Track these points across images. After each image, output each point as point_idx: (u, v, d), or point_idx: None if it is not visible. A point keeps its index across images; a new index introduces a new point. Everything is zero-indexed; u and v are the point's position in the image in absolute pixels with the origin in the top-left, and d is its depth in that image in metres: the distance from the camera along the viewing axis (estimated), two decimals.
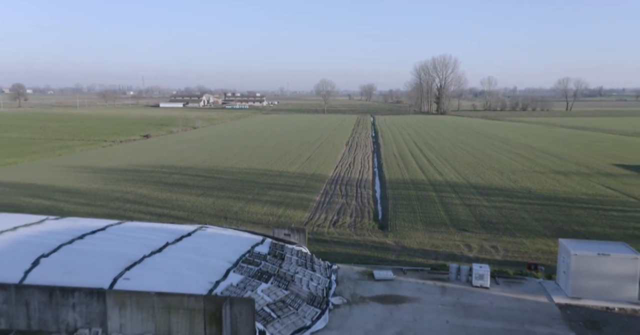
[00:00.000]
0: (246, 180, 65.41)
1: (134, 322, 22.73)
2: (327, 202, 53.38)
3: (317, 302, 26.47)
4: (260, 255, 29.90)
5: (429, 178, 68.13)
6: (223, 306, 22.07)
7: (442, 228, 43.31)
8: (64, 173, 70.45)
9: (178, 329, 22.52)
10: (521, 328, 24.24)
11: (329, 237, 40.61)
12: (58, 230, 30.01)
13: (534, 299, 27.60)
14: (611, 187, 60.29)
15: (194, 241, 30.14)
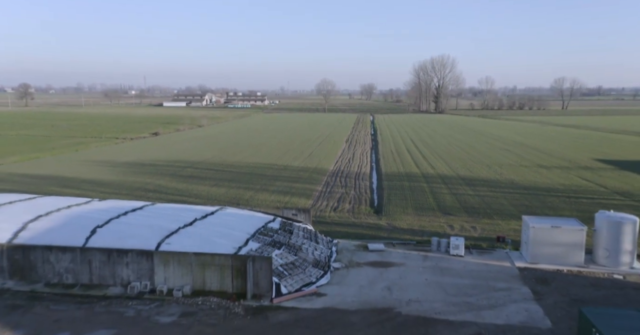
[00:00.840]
0: (254, 173, 71.25)
1: (176, 276, 28.63)
2: (329, 192, 59.24)
3: (320, 266, 32.34)
4: (272, 229, 35.76)
5: (422, 171, 73.99)
6: (247, 263, 27.96)
7: (429, 212, 49.18)
8: (86, 167, 76.33)
9: (211, 281, 28.42)
10: (485, 283, 30.12)
11: (330, 220, 46.44)
12: (104, 208, 35.94)
13: (499, 264, 33.49)
14: (587, 179, 66.16)
15: (218, 218, 36.02)
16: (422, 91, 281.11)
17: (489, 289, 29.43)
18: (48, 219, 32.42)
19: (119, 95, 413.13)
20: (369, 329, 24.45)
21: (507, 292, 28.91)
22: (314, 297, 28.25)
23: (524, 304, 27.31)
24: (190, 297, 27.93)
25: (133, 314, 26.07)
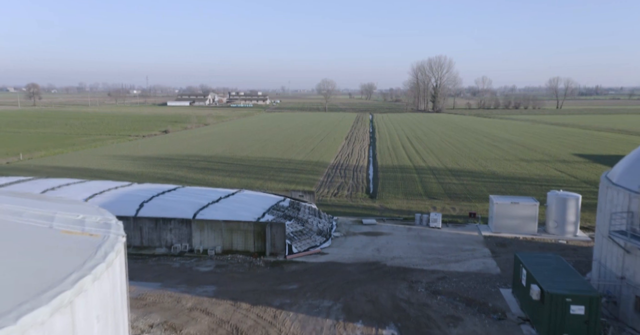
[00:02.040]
0: (261, 166, 78.82)
1: (209, 239, 36.20)
2: (329, 181, 66.81)
3: (323, 234, 39.93)
4: (283, 207, 43.30)
5: (414, 164, 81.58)
6: (266, 228, 35.54)
7: (417, 197, 56.76)
8: (108, 160, 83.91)
9: (237, 243, 35.98)
10: (455, 246, 37.70)
11: (331, 203, 54.00)
12: (145, 188, 43.55)
13: (469, 233, 41.08)
14: (561, 170, 73.75)
15: (238, 197, 43.58)
16: (420, 91, 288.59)
17: (457, 250, 37.02)
18: (102, 196, 39.98)
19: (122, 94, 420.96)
20: (362, 274, 32.00)
21: (471, 252, 36.50)
22: (319, 255, 35.83)
23: (483, 260, 34.90)
24: (221, 254, 35.54)
25: (178, 266, 33.66)
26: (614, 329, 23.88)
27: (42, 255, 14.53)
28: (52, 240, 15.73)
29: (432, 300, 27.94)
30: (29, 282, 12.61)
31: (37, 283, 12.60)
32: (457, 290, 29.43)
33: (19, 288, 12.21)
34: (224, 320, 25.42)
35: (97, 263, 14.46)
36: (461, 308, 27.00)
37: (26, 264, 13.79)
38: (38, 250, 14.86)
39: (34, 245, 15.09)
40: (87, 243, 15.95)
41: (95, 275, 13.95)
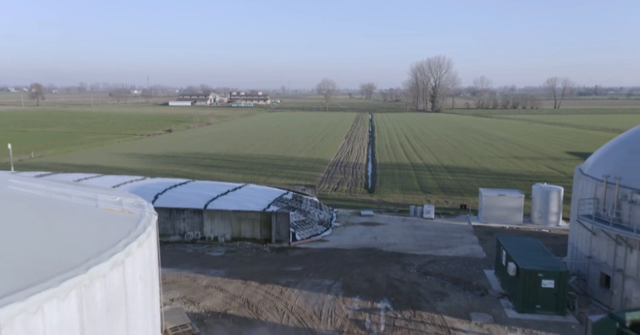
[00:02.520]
0: (264, 163, 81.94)
1: (219, 227, 39.32)
2: (330, 177, 69.93)
3: (324, 224, 43.06)
4: (287, 199, 46.41)
5: (411, 162, 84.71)
6: (272, 217, 38.66)
7: (413, 191, 59.87)
8: (116, 158, 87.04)
9: (245, 231, 39.11)
10: (445, 234, 40.83)
11: (331, 197, 57.11)
12: (158, 182, 46.69)
13: (459, 223, 44.20)
14: (552, 167, 76.87)
15: (244, 190, 46.70)
16: (419, 91, 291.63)
17: (447, 237, 40.15)
18: (119, 189, 43.06)
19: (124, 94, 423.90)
20: (359, 258, 35.13)
21: (460, 239, 39.64)
22: (320, 242, 38.95)
23: (471, 246, 38.04)
24: (230, 241, 38.66)
25: (192, 251, 36.79)
26: (579, 300, 26.98)
27: (95, 226, 17.71)
28: (100, 215, 18.90)
29: (422, 280, 31.07)
30: (89, 245, 15.79)
31: (96, 246, 15.79)
32: (445, 271, 32.56)
33: (83, 249, 15.39)
34: (236, 295, 28.55)
35: (139, 233, 17.64)
36: (448, 286, 30.13)
37: (84, 232, 16.98)
38: (91, 222, 18.04)
39: (87, 219, 18.27)
40: (128, 218, 19.13)
41: (139, 242, 17.14)
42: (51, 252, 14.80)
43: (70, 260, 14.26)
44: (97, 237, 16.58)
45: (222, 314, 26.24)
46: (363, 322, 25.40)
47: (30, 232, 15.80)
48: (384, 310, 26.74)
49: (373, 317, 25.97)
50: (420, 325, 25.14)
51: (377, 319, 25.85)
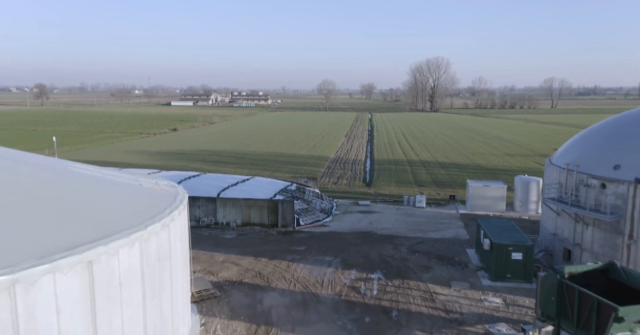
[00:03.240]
0: (268, 159, 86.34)
1: (231, 214, 43.72)
2: (330, 173, 74.32)
3: (325, 212, 47.46)
4: (291, 190, 50.79)
5: (407, 158, 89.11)
6: (278, 204, 43.06)
7: (407, 185, 64.27)
8: (127, 155, 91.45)
9: (254, 217, 43.49)
10: (435, 220, 45.22)
11: (331, 190, 61.49)
12: (173, 175, 51.10)
13: (448, 211, 48.60)
14: (540, 163, 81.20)
15: (252, 181, 51.12)
16: (418, 91, 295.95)
17: (436, 223, 44.55)
18: None
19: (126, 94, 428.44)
20: (357, 240, 39.51)
21: (448, 225, 44.03)
22: (321, 227, 43.35)
23: (456, 230, 42.43)
24: (241, 226, 43.06)
25: (207, 234, 41.17)
26: (543, 270, 31.35)
27: (144, 199, 22.16)
28: (145, 192, 23.34)
29: (411, 256, 35.47)
30: (144, 211, 20.21)
31: (149, 212, 20.20)
32: (431, 250, 36.95)
33: (140, 214, 19.81)
34: (249, 268, 32.95)
35: (178, 205, 22.06)
36: (433, 261, 34.52)
37: (137, 202, 21.43)
38: (140, 196, 22.49)
39: (137, 193, 22.73)
40: (166, 194, 23.56)
41: (178, 211, 21.58)
42: (118, 214, 19.22)
43: (132, 221, 18.66)
44: (147, 206, 20.99)
45: (238, 283, 30.64)
46: (359, 288, 29.79)
47: (100, 199, 20.26)
48: (376, 280, 31.14)
49: (367, 285, 30.36)
50: (407, 290, 29.52)
51: (370, 286, 30.23)
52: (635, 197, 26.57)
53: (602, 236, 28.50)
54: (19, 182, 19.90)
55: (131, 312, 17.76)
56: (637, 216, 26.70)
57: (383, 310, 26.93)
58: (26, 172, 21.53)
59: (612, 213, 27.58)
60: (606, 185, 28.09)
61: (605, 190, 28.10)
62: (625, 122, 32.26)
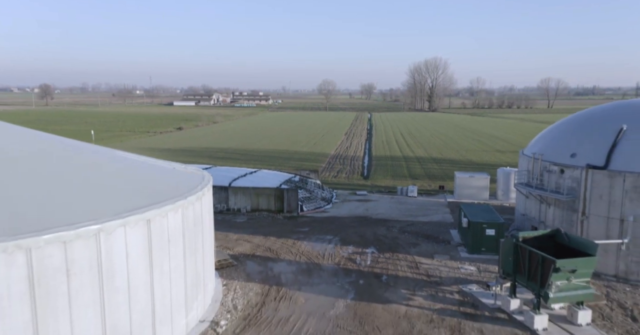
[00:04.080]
0: (271, 156, 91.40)
1: (241, 201, 48.77)
2: (330, 167, 79.37)
3: (326, 200, 52.51)
4: (294, 181, 55.83)
5: (403, 155, 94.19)
6: (284, 192, 48.12)
7: (402, 178, 69.33)
8: (138, 152, 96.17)
9: (262, 203, 48.54)
10: (424, 207, 50.28)
11: (331, 182, 66.53)
12: None
13: (437, 200, 53.66)
14: None
15: (259, 173, 56.18)
16: (417, 91, 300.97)
17: (425, 209, 49.60)
18: None
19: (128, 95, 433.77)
20: (354, 223, 44.55)
21: (435, 211, 49.09)
22: (323, 213, 48.39)
23: (443, 215, 47.48)
24: (250, 212, 48.10)
25: (220, 219, 46.15)
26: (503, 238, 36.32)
27: (180, 178, 27.24)
28: (180, 173, 28.44)
29: (401, 235, 40.52)
30: (181, 186, 25.28)
31: (185, 187, 25.27)
32: (419, 230, 42.01)
33: (179, 188, 24.88)
34: (260, 245, 38.01)
35: (207, 183, 27.15)
36: (420, 239, 39.57)
37: (175, 179, 26.52)
38: (177, 176, 27.58)
39: (174, 174, 27.82)
40: (196, 176, 28.64)
41: (208, 188, 26.69)
42: (164, 187, 24.30)
43: (175, 193, 23.72)
44: (183, 183, 26.07)
45: (251, 255, 35.70)
46: (355, 260, 34.84)
47: (149, 177, 25.38)
48: (370, 253, 36.19)
49: (362, 257, 35.41)
50: (396, 261, 34.57)
51: (365, 258, 35.28)
52: (587, 180, 31.60)
53: (561, 214, 33.54)
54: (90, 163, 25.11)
55: (176, 263, 22.85)
56: (588, 196, 31.73)
57: (375, 275, 31.98)
58: (92, 157, 26.77)
59: (568, 194, 32.62)
60: (564, 170, 33.13)
61: (564, 175, 33.14)
62: (583, 118, 37.32)
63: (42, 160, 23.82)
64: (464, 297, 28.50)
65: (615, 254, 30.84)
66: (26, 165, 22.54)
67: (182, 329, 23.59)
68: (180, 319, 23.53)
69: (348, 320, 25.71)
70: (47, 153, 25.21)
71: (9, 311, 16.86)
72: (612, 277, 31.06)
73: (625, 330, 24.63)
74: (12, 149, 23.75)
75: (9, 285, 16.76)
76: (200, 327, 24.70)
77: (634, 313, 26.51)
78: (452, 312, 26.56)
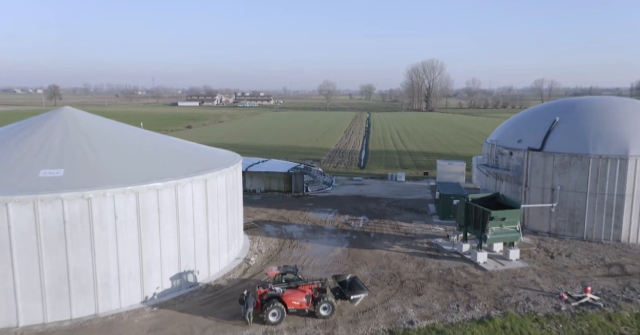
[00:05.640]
0: (277, 150, 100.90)
1: (256, 183, 58.31)
2: (331, 160, 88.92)
3: (327, 184, 62.08)
4: (300, 168, 65.35)
5: (397, 149, 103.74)
6: (292, 176, 57.69)
7: (394, 168, 78.87)
8: None
9: (273, 185, 58.11)
10: (409, 189, 59.83)
11: (332, 171, 76.00)
12: None
13: (421, 184, 63.22)
14: None
15: (270, 162, 65.75)
16: (414, 92, 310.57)
17: (410, 190, 59.14)
18: None
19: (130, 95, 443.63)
20: (350, 200, 54.05)
21: (418, 191, 58.62)
22: (324, 193, 57.92)
23: (424, 194, 57.01)
24: (264, 192, 57.65)
25: None
26: None
27: (219, 155, 36.86)
28: (218, 152, 38.05)
29: (388, 208, 50.04)
30: (222, 161, 34.87)
31: (225, 161, 34.85)
32: (403, 205, 51.53)
33: (221, 161, 34.46)
34: (274, 214, 47.53)
35: (239, 160, 36.77)
36: (403, 210, 49.08)
37: (217, 156, 36.14)
38: (217, 154, 37.20)
39: (215, 153, 37.45)
40: (229, 154, 38.22)
41: (239, 163, 36.29)
42: (212, 160, 33.88)
43: (220, 163, 33.26)
44: (223, 159, 35.63)
45: (268, 221, 45.24)
46: (350, 223, 44.35)
47: (201, 153, 35.03)
48: (362, 220, 45.72)
49: (355, 222, 44.92)
50: (382, 224, 44.07)
51: (358, 223, 44.79)
52: (528, 160, 41.08)
53: (510, 187, 43.03)
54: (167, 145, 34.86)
55: (221, 214, 32.40)
56: (529, 172, 41.20)
57: (365, 233, 41.52)
58: (166, 141, 36.63)
59: (515, 171, 42.11)
60: (512, 153, 42.62)
61: (512, 156, 42.63)
62: (531, 112, 46.93)
63: (138, 143, 33.53)
64: (430, 246, 38.04)
65: (548, 216, 40.37)
66: (130, 145, 32.24)
67: (225, 260, 33.18)
68: (224, 254, 33.11)
69: (344, 258, 35.25)
70: (139, 138, 34.80)
71: (126, 231, 26.42)
72: (546, 233, 40.59)
73: (542, 263, 34.19)
74: (116, 136, 33.34)
75: (126, 214, 26.32)
76: (236, 262, 34.27)
77: (554, 254, 36.04)
78: (420, 254, 36.10)
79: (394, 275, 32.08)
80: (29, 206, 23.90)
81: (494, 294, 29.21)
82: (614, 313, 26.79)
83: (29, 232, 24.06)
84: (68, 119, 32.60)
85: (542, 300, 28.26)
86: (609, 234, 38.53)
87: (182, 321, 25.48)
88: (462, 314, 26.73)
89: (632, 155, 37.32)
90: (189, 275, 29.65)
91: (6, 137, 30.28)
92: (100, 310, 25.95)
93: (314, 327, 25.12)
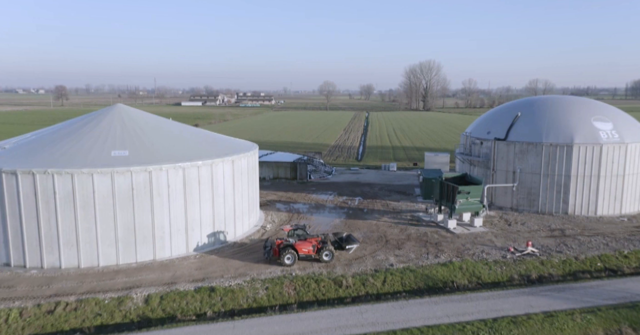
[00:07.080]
0: (281, 146, 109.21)
1: (266, 171, 66.74)
2: (330, 154, 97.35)
3: (327, 173, 70.56)
4: (303, 159, 73.72)
5: (392, 145, 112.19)
6: (297, 165, 66.16)
7: (388, 160, 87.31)
8: None
9: (281, 173, 66.55)
10: (400, 177, 68.25)
11: (331, 163, 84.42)
12: None
13: (410, 173, 71.64)
14: None
15: (276, 154, 74.21)
16: (412, 92, 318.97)
17: (400, 178, 67.58)
18: None
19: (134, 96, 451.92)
20: (347, 185, 62.46)
21: (408, 179, 67.06)
22: (325, 180, 66.37)
23: (412, 181, 65.44)
24: (272, 179, 66.10)
25: None
26: None
27: (239, 143, 45.36)
28: (237, 142, 46.56)
29: (380, 191, 58.48)
30: (242, 147, 43.37)
31: (243, 148, 43.35)
32: (393, 188, 59.96)
33: (242, 148, 42.95)
34: (283, 195, 55.98)
35: (255, 147, 45.27)
36: (393, 193, 57.51)
37: (239, 144, 44.67)
38: (238, 142, 45.70)
39: (235, 141, 45.96)
40: (247, 144, 46.73)
41: (256, 149, 44.82)
42: (236, 146, 42.33)
43: (243, 149, 41.69)
44: (244, 145, 44.05)
45: (277, 200, 53.67)
46: (347, 202, 52.80)
47: (226, 141, 43.50)
48: (357, 199, 54.15)
49: (352, 201, 53.35)
50: (374, 203, 52.50)
51: (353, 202, 53.22)
52: (495, 148, 49.49)
53: (481, 171, 51.43)
54: (201, 135, 43.40)
55: (244, 188, 40.83)
56: (495, 158, 49.60)
57: (359, 209, 49.94)
58: (200, 132, 45.15)
59: (484, 157, 50.54)
60: (482, 142, 51.04)
61: (482, 145, 51.05)
62: (500, 109, 55.47)
63: (179, 131, 42.13)
64: (412, 218, 46.48)
65: (510, 194, 48.79)
66: (173, 133, 40.82)
67: (247, 226, 41.63)
68: (245, 220, 41.56)
69: (341, 225, 43.70)
70: (178, 128, 43.30)
71: (175, 198, 34.85)
72: (509, 209, 49.01)
73: (500, 228, 42.64)
74: (161, 126, 41.80)
75: (176, 184, 34.76)
76: (255, 228, 42.71)
77: (511, 223, 44.47)
78: (403, 223, 44.54)
79: (381, 236, 40.50)
80: (107, 176, 32.33)
81: (458, 248, 37.65)
82: (546, 260, 35.23)
83: (107, 195, 32.48)
84: (122, 113, 41.07)
85: (493, 252, 36.72)
86: (559, 207, 46.96)
87: (220, 264, 33.93)
88: (431, 260, 35.16)
89: (576, 143, 45.75)
90: (221, 234, 38.08)
91: (77, 128, 38.73)
92: (157, 256, 34.38)
93: (318, 267, 33.54)
